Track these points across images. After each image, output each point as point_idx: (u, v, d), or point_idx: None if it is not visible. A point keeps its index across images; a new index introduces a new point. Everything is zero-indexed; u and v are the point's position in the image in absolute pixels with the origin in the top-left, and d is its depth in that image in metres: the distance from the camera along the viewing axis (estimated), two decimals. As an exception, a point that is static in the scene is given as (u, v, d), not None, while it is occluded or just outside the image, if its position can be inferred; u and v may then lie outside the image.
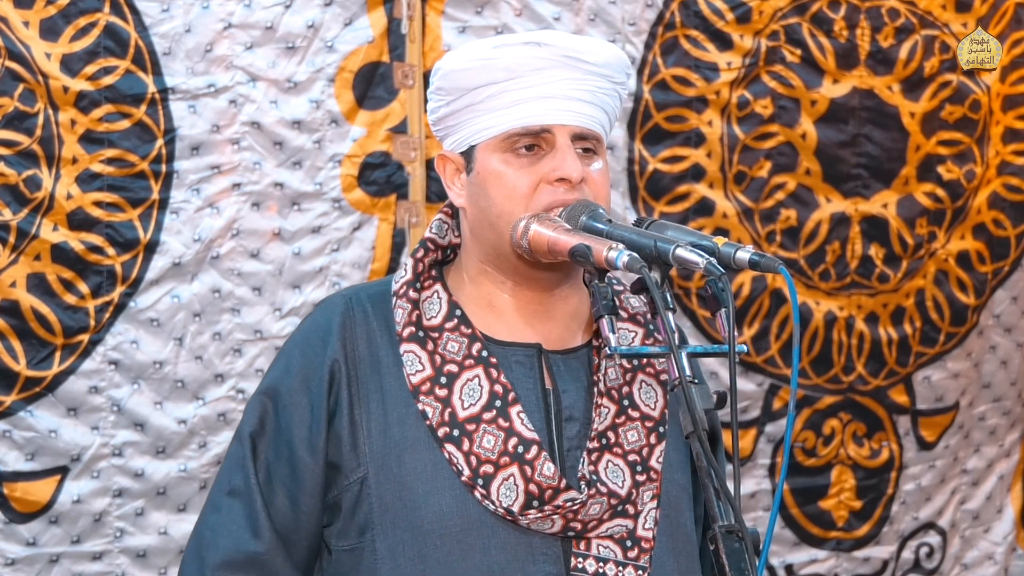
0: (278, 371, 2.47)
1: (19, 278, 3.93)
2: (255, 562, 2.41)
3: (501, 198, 2.39)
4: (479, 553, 2.35)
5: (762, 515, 4.71)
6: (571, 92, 2.40)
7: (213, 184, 4.10)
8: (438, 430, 2.37)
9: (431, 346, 2.41)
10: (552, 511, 2.34)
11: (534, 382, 2.42)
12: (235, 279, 4.13)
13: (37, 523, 3.99)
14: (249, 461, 2.44)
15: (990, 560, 5.04)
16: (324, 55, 4.17)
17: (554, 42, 2.41)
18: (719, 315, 2.24)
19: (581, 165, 2.39)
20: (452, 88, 2.42)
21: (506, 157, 2.40)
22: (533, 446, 2.36)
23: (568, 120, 2.40)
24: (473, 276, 2.47)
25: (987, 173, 4.86)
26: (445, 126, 2.46)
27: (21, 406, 3.95)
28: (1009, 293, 4.96)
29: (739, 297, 4.66)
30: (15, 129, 3.91)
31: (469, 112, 2.41)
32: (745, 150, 4.62)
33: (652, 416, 2.45)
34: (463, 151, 2.45)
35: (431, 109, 2.48)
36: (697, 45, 4.54)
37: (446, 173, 2.48)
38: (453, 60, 2.43)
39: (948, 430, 4.94)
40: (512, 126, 2.39)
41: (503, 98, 2.39)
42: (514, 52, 2.39)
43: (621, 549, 2.39)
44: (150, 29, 4.03)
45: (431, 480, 2.36)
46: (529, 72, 2.39)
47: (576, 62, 2.41)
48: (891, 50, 4.72)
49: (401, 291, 2.45)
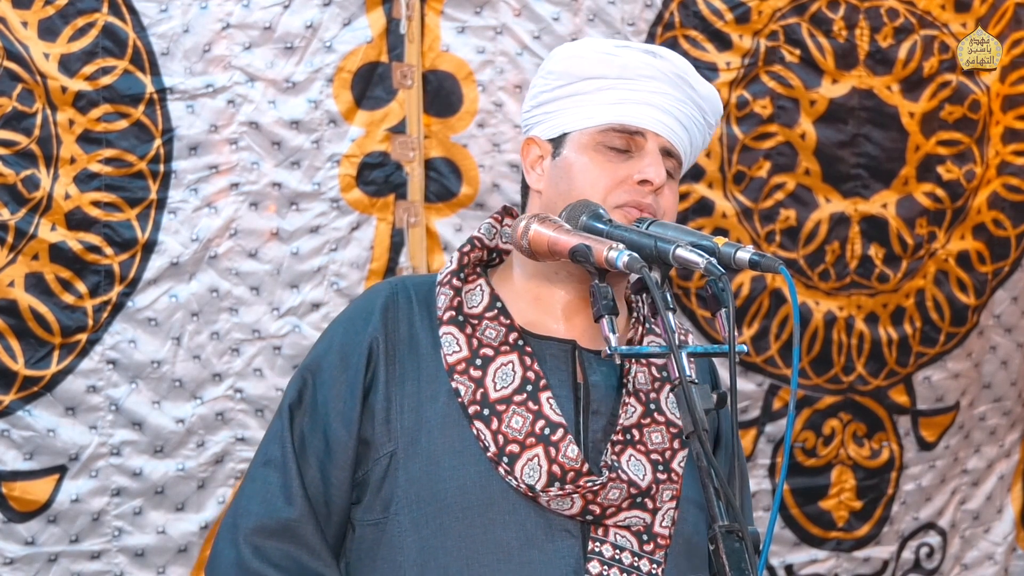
0: (321, 347, 2.54)
1: (17, 278, 3.93)
2: (287, 528, 2.45)
3: (584, 184, 2.47)
4: (499, 528, 2.40)
5: (762, 515, 4.70)
6: (671, 108, 2.51)
7: (211, 184, 4.10)
8: (469, 408, 2.42)
9: (469, 330, 2.47)
10: (573, 490, 2.37)
11: (566, 375, 2.48)
12: (233, 279, 4.12)
13: (35, 522, 3.99)
14: (287, 432, 2.49)
15: (990, 560, 5.04)
16: (322, 55, 4.17)
17: (670, 58, 2.53)
18: (719, 315, 2.27)
19: (665, 173, 2.47)
20: (564, 73, 2.52)
21: (597, 149, 2.49)
22: (559, 429, 2.41)
23: (663, 131, 2.50)
24: (525, 266, 2.52)
25: (987, 173, 4.86)
26: (543, 112, 2.55)
27: (19, 405, 3.95)
28: (1009, 293, 4.96)
29: (739, 297, 4.65)
30: (13, 129, 3.91)
31: (573, 101, 2.51)
32: (744, 150, 4.62)
33: (677, 423, 2.49)
34: (553, 138, 2.53)
35: (533, 94, 2.57)
36: (696, 45, 4.54)
37: (529, 157, 2.56)
38: (573, 48, 2.56)
39: (948, 430, 4.94)
40: (611, 120, 2.48)
41: (610, 94, 2.49)
42: (632, 55, 2.51)
43: (638, 541, 2.42)
44: (148, 29, 4.02)
45: (458, 455, 2.41)
46: (640, 77, 2.49)
47: (684, 84, 2.52)
48: (890, 50, 4.71)
49: (445, 280, 2.51)
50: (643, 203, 2.45)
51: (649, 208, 2.45)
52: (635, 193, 2.45)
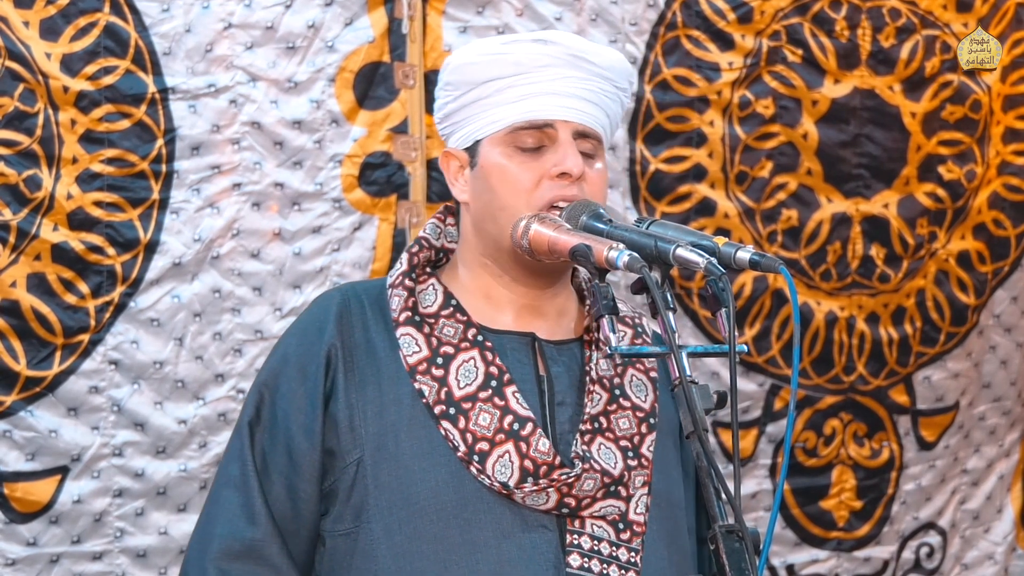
0: (275, 362, 2.50)
1: (19, 278, 3.93)
2: (252, 549, 2.42)
3: (504, 192, 2.44)
4: (475, 528, 2.37)
5: (763, 515, 4.70)
6: (575, 90, 2.45)
7: (213, 184, 4.10)
8: (434, 408, 2.40)
9: (427, 329, 2.45)
10: (547, 484, 2.36)
11: (529, 367, 2.46)
12: (235, 279, 4.13)
13: (37, 523, 3.99)
14: (247, 450, 2.45)
15: (990, 560, 5.04)
16: (325, 55, 4.17)
17: (561, 41, 2.47)
18: (720, 315, 2.26)
19: (582, 161, 2.43)
20: (461, 82, 2.47)
21: (509, 151, 2.44)
22: (528, 423, 2.39)
23: (571, 116, 2.45)
24: (471, 269, 2.51)
25: (988, 173, 4.86)
26: (452, 123, 2.51)
27: (21, 406, 3.95)
28: (1009, 293, 4.96)
29: (740, 297, 4.66)
30: (15, 129, 3.91)
31: (476, 107, 2.46)
32: (746, 150, 4.62)
33: (643, 408, 2.49)
34: (467, 147, 2.49)
35: (439, 106, 2.53)
36: (699, 45, 4.54)
37: (450, 170, 2.52)
38: (463, 55, 2.49)
39: (948, 430, 4.94)
40: (516, 119, 2.44)
41: (509, 93, 2.44)
42: (523, 48, 2.45)
43: (614, 530, 2.42)
44: (150, 29, 4.02)
45: (427, 457, 2.39)
46: (536, 68, 2.44)
47: (582, 62, 2.46)
48: (892, 50, 4.72)
49: (397, 281, 2.49)
50: (567, 196, 2.41)
51: (575, 199, 2.42)
52: (556, 188, 2.42)
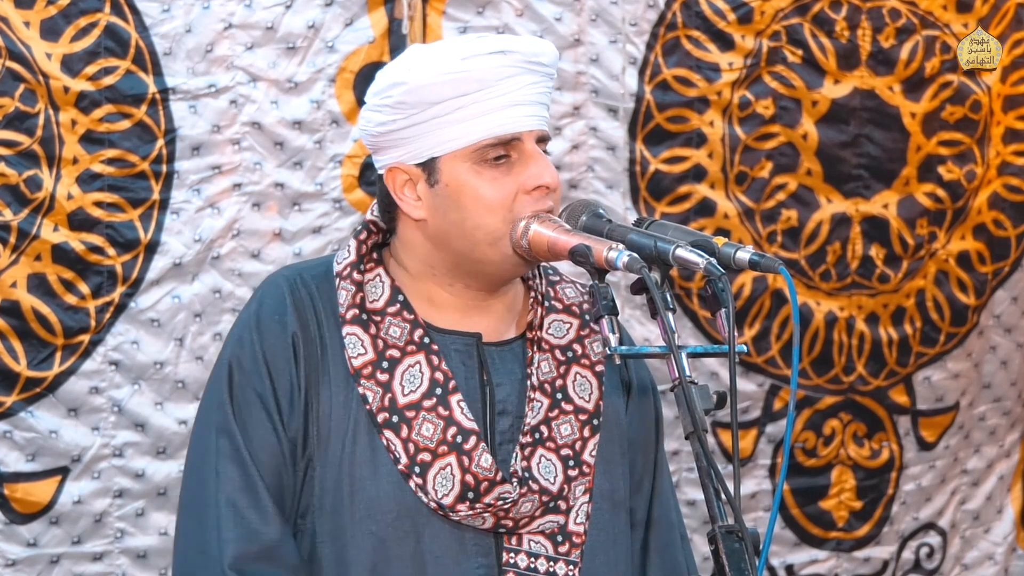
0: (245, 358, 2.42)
1: (20, 278, 3.93)
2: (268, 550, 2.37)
3: (479, 211, 2.38)
4: (413, 541, 2.37)
5: (762, 515, 4.71)
6: (534, 97, 2.41)
7: (214, 184, 4.10)
8: (377, 415, 2.38)
9: (373, 330, 2.41)
10: (483, 508, 2.36)
11: (472, 372, 2.44)
12: (236, 279, 4.13)
13: (38, 524, 3.99)
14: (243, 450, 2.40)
15: (990, 560, 5.04)
16: (325, 55, 4.17)
17: (518, 48, 2.41)
18: (719, 315, 2.26)
19: (554, 170, 2.40)
20: (418, 102, 2.38)
21: (478, 168, 2.38)
22: (472, 436, 2.37)
23: (534, 125, 2.41)
24: (415, 274, 2.47)
25: (987, 173, 4.86)
26: (397, 139, 2.42)
27: (22, 407, 3.95)
28: (1009, 293, 4.96)
29: (740, 298, 4.66)
30: (16, 129, 3.91)
31: (433, 124, 2.39)
32: (746, 150, 4.62)
33: (586, 409, 2.46)
34: (420, 163, 2.41)
35: (380, 122, 2.41)
36: (699, 45, 4.54)
37: (396, 184, 2.44)
38: (420, 74, 2.38)
39: (948, 430, 4.94)
40: (483, 136, 2.37)
41: (473, 108, 2.37)
42: (483, 63, 2.37)
43: (552, 544, 2.41)
44: (151, 29, 4.03)
45: (369, 465, 2.37)
46: (497, 81, 2.38)
47: (536, 66, 2.41)
48: (892, 50, 4.72)
49: (345, 272, 2.45)
50: (542, 209, 2.38)
51: (550, 208, 2.39)
52: (532, 203, 2.38)
